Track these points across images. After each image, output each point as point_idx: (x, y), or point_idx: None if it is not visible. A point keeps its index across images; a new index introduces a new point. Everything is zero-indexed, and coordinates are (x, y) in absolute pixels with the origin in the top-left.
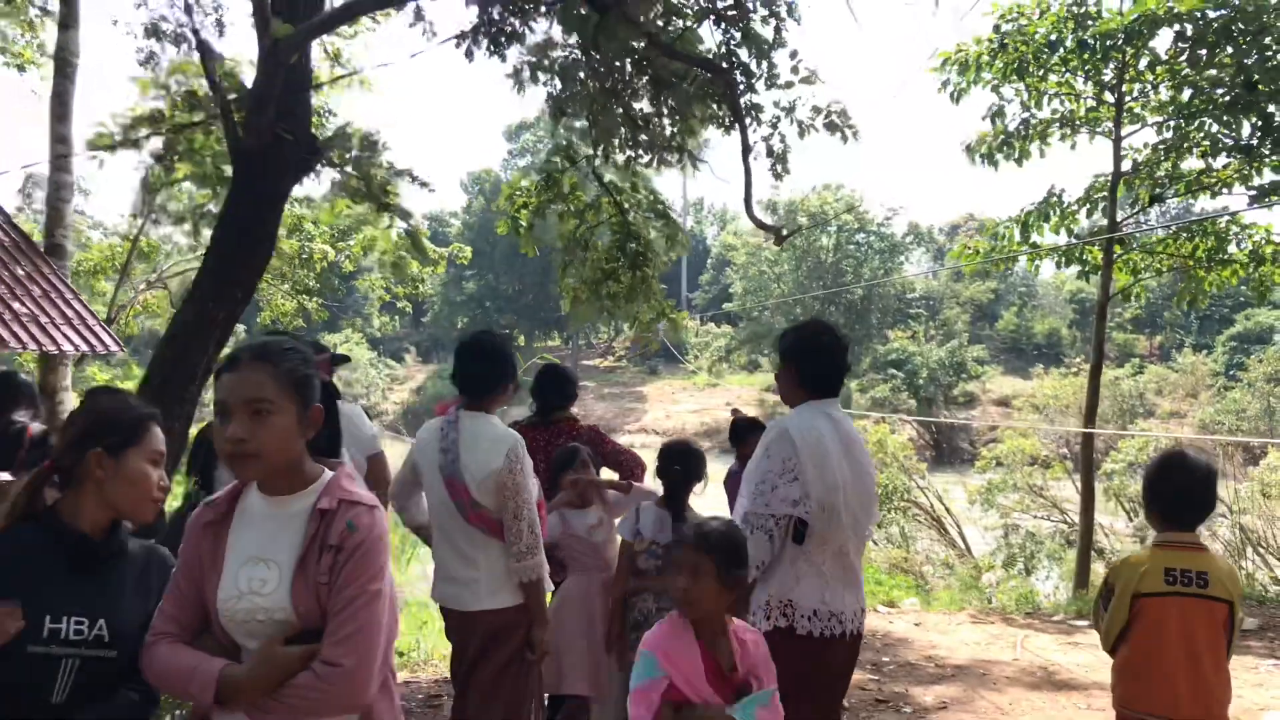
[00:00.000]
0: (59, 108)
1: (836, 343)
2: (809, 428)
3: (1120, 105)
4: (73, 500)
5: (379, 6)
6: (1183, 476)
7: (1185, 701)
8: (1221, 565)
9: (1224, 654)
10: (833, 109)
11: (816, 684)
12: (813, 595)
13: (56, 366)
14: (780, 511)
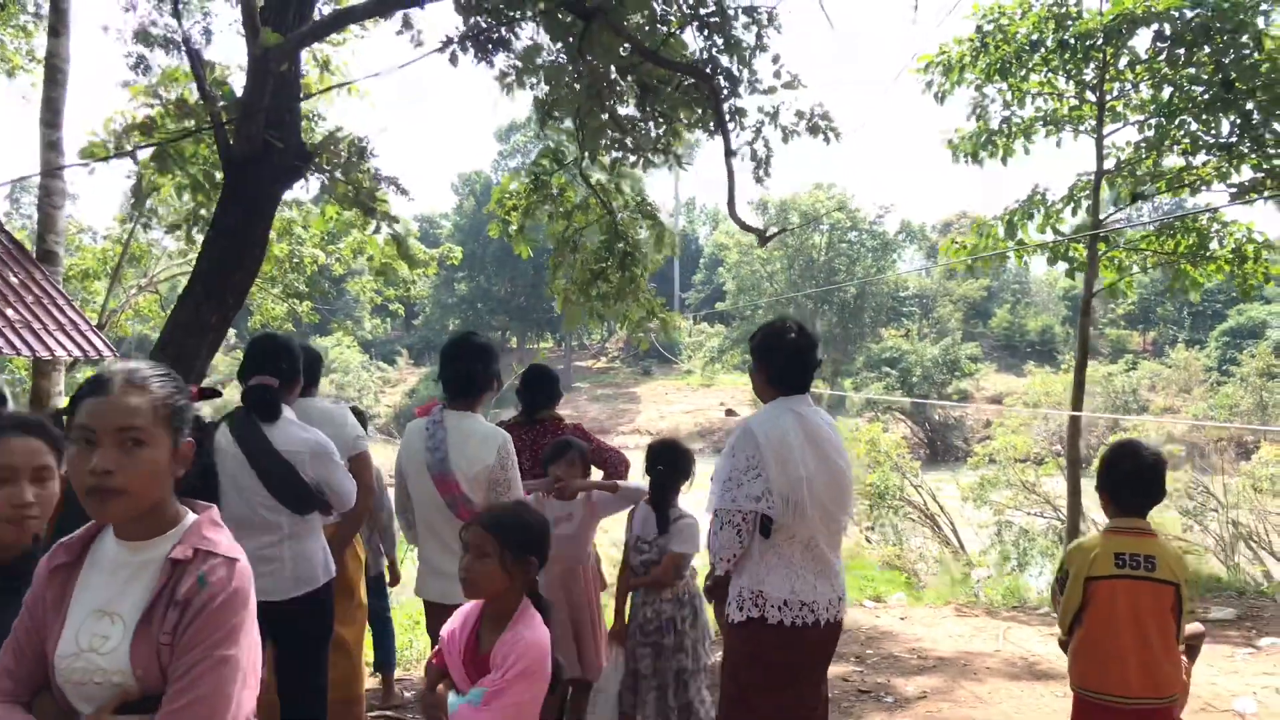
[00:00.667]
0: (49, 114)
1: (804, 340)
2: (772, 425)
3: (1102, 104)
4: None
5: (367, 15)
6: (1132, 465)
7: (1135, 680)
8: (1169, 549)
9: (1173, 635)
10: (815, 111)
11: (792, 672)
12: (782, 586)
13: (49, 372)
14: (746, 508)
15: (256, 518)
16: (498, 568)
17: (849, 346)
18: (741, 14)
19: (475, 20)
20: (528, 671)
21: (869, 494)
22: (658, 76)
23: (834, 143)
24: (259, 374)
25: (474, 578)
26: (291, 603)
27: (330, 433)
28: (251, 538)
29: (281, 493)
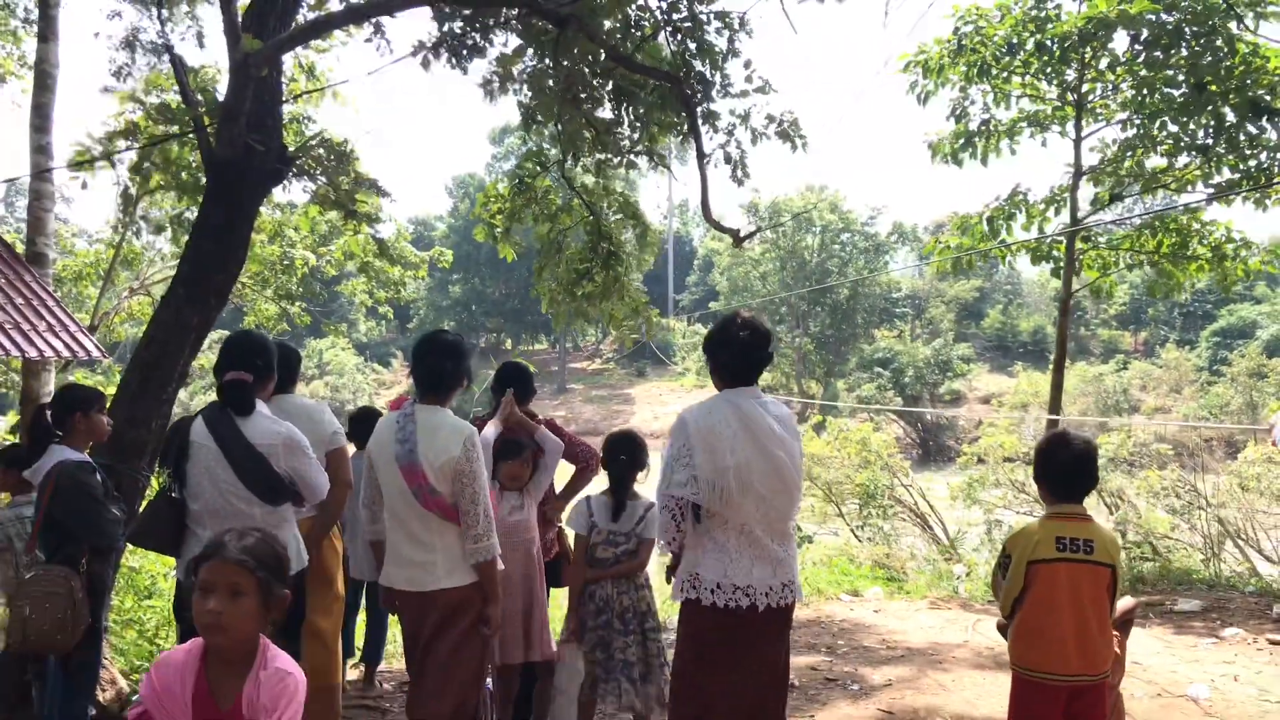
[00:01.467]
0: (39, 119)
1: (751, 334)
2: (705, 415)
3: (1080, 106)
4: None
5: (345, 23)
6: (1065, 453)
7: (1074, 659)
8: (1105, 534)
9: (1108, 614)
10: (785, 119)
11: (729, 653)
12: (715, 569)
13: (39, 372)
14: (676, 493)
15: (230, 508)
16: (256, 606)
17: (842, 347)
18: (714, 19)
19: (449, 27)
20: (298, 708)
21: (858, 493)
22: (632, 81)
23: (800, 150)
24: (234, 370)
25: (227, 622)
26: None
27: (308, 428)
28: (224, 527)
29: (254, 484)
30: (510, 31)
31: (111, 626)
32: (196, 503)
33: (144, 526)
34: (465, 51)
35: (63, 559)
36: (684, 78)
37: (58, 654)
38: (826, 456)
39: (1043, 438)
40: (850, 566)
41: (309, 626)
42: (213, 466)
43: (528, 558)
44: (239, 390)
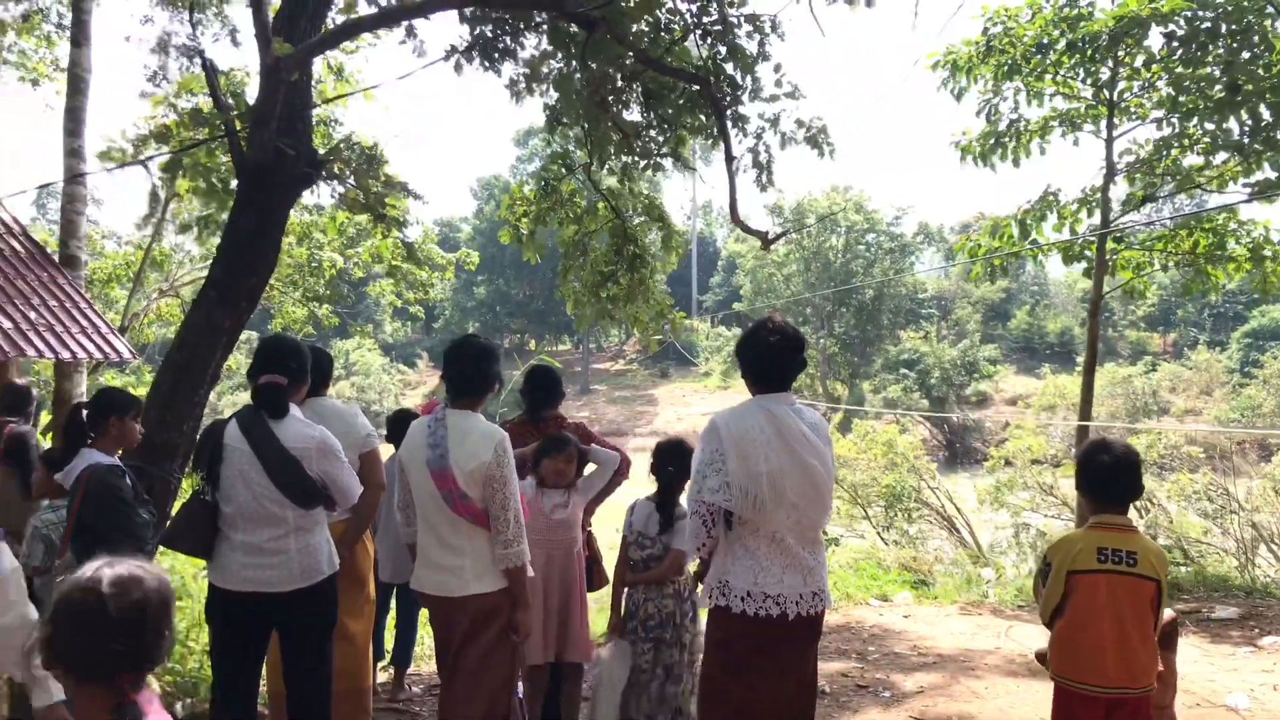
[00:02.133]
0: (72, 122)
1: (781, 340)
2: (737, 421)
3: (1112, 105)
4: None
5: (375, 26)
6: (1106, 460)
7: (1113, 671)
8: (1150, 546)
9: (1150, 628)
10: (813, 125)
11: (758, 660)
12: (745, 577)
13: (70, 374)
14: (708, 500)
15: (263, 511)
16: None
17: (867, 349)
18: (744, 22)
19: (481, 30)
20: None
21: (884, 496)
22: (661, 83)
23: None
24: (268, 373)
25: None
26: (296, 594)
27: (341, 430)
28: (258, 530)
29: (287, 488)
30: (539, 34)
31: None
32: (229, 506)
33: (177, 529)
34: (496, 54)
35: None
36: (713, 80)
37: None
38: (852, 459)
39: (1084, 445)
40: (878, 570)
41: (340, 628)
42: (246, 470)
43: (568, 557)
44: (274, 393)
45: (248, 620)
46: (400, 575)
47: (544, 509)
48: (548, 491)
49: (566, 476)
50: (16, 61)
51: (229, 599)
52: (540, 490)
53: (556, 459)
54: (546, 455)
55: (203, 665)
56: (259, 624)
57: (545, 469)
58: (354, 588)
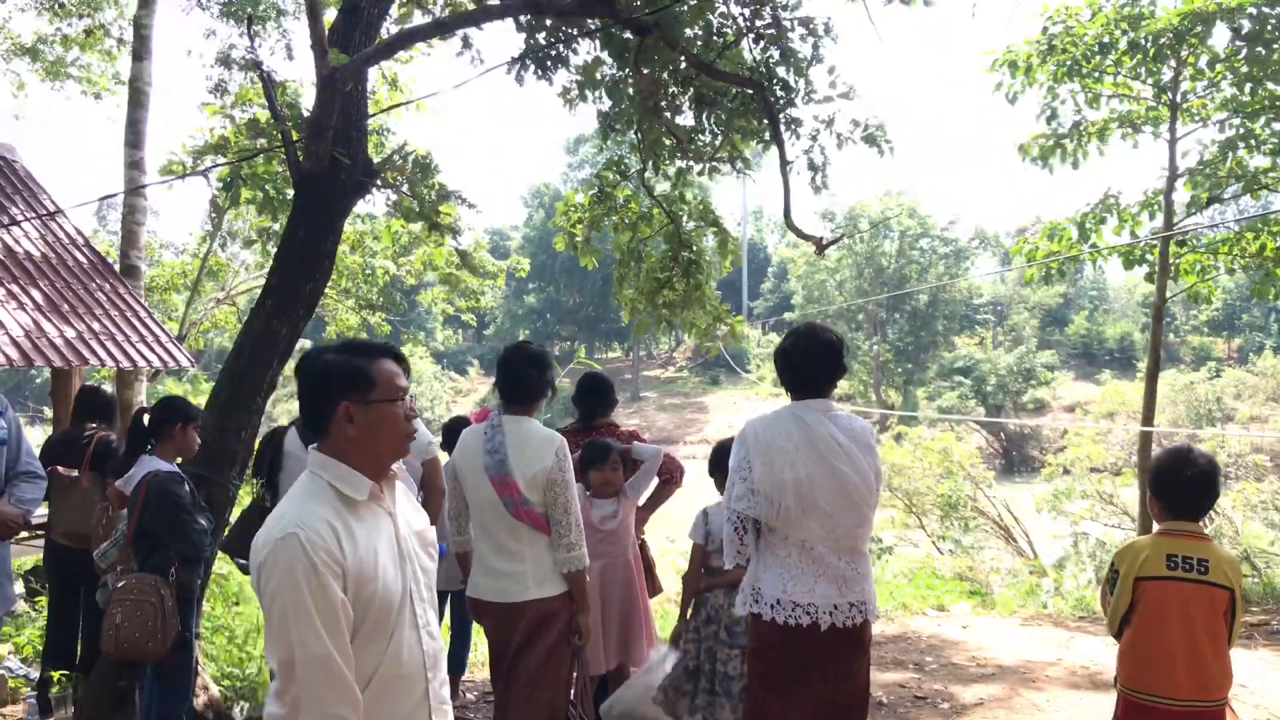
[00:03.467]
0: (133, 135)
1: (813, 345)
2: (766, 428)
3: (1175, 105)
4: None
5: (429, 36)
6: (1190, 472)
7: (1184, 683)
8: (1223, 554)
9: (1224, 639)
10: (870, 123)
11: (793, 671)
12: (775, 585)
13: (132, 382)
14: (737, 508)
15: None
16: None
17: (921, 355)
18: (797, 25)
19: (534, 39)
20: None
21: (940, 504)
22: (714, 88)
23: (887, 156)
24: None
25: None
26: None
27: None
28: None
29: None
30: (592, 41)
31: (203, 634)
32: None
33: (237, 536)
34: (550, 63)
35: (152, 568)
36: (766, 84)
37: (150, 661)
38: (907, 466)
39: (1162, 453)
40: (934, 580)
41: None
42: None
43: (625, 566)
44: None
45: None
46: (452, 582)
47: (594, 520)
48: (597, 502)
49: (615, 484)
50: (80, 76)
51: None
52: (590, 500)
53: (603, 469)
54: (593, 466)
55: (260, 670)
56: None
57: (593, 480)
58: None
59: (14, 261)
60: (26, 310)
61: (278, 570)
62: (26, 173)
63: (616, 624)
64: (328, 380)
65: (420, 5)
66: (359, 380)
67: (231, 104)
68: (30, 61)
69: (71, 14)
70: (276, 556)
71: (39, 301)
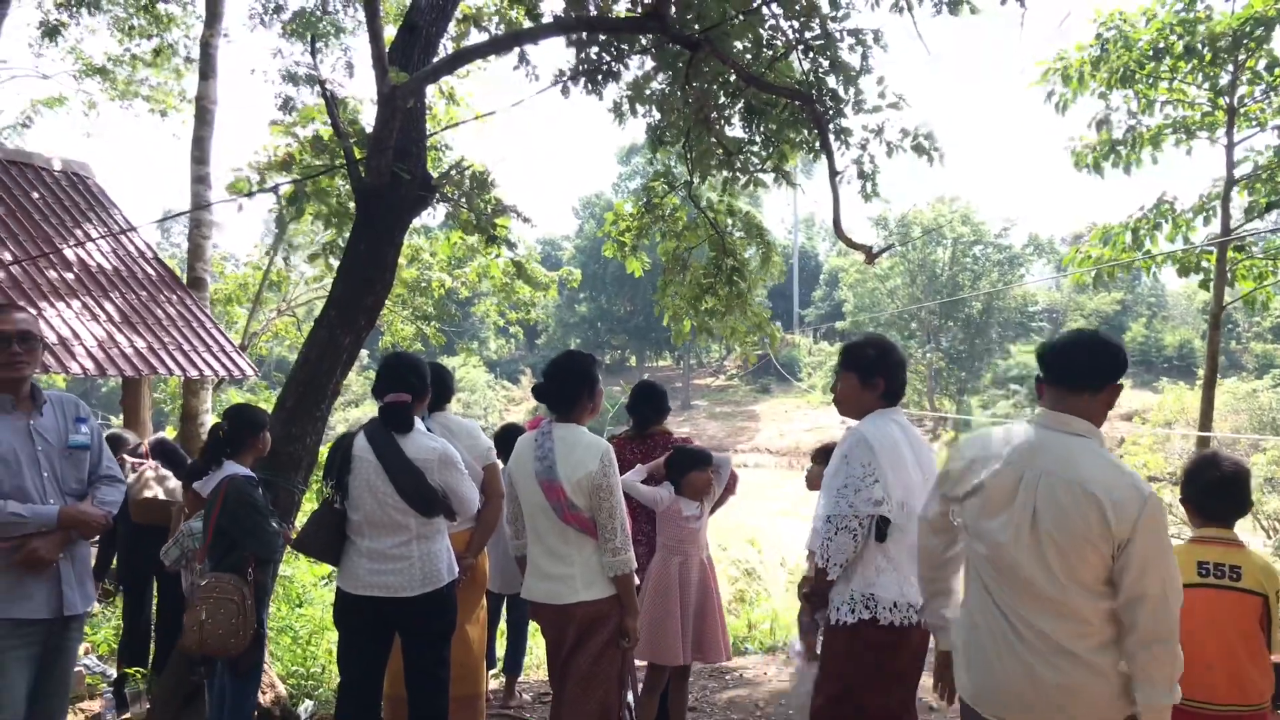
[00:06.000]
0: (198, 151)
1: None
2: (884, 433)
3: (1233, 110)
4: None
5: (485, 54)
6: (1213, 474)
7: (1222, 687)
8: (1257, 561)
9: (1261, 644)
10: (919, 132)
11: (894, 671)
12: (892, 588)
13: (198, 391)
14: (864, 512)
15: (388, 519)
16: None
17: (975, 363)
18: (846, 36)
19: (586, 54)
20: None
21: None
22: (763, 99)
23: (938, 163)
24: (393, 390)
25: None
26: (419, 599)
27: (469, 444)
28: (383, 537)
29: (411, 497)
30: (644, 55)
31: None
32: (357, 513)
33: (308, 535)
34: (600, 77)
35: (228, 567)
36: (815, 95)
37: (230, 656)
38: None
39: (1190, 458)
40: None
41: (460, 633)
42: (372, 479)
43: (703, 565)
44: (400, 411)
45: (372, 624)
46: (510, 586)
47: (680, 514)
48: (685, 501)
49: (707, 490)
50: (147, 94)
51: (356, 603)
52: (678, 498)
53: (705, 470)
54: (696, 468)
55: (325, 668)
56: (383, 628)
57: (695, 480)
58: (472, 595)
59: (88, 276)
60: (100, 322)
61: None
62: (100, 189)
63: (692, 620)
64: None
65: (477, 24)
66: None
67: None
68: (101, 81)
69: (141, 34)
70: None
71: (111, 314)
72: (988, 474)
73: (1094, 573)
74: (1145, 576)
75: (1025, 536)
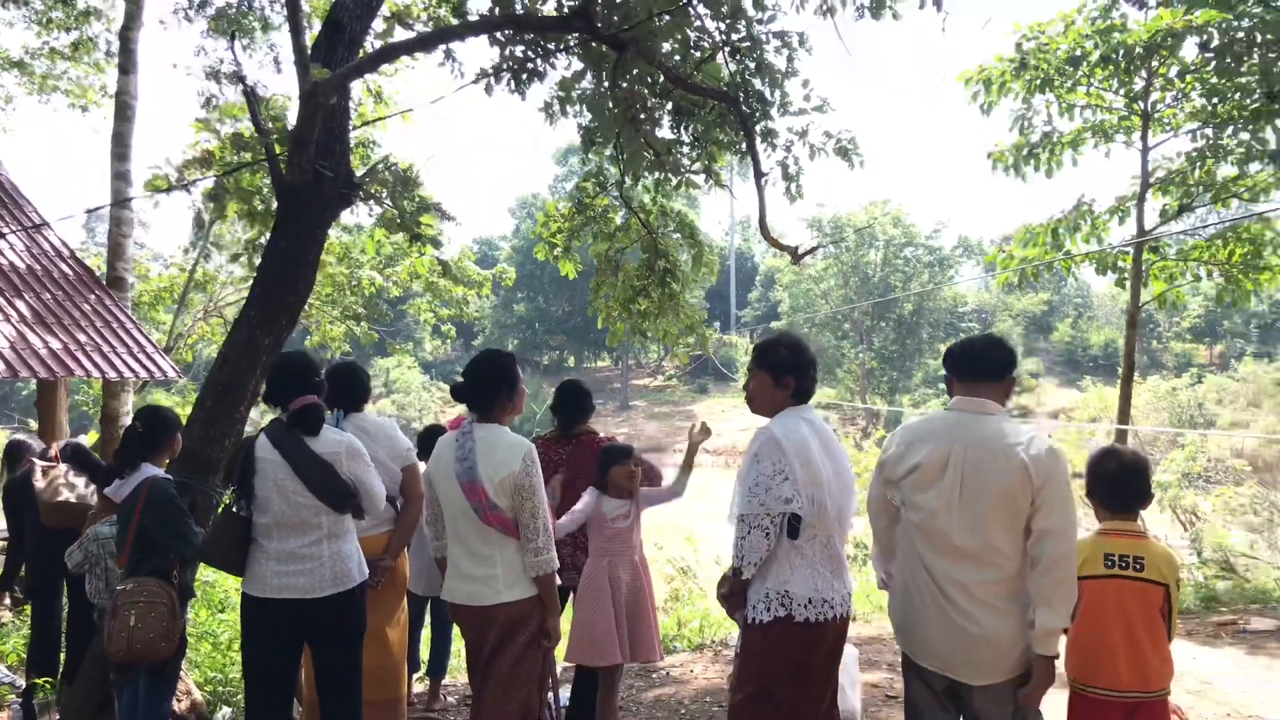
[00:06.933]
0: (119, 147)
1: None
2: (792, 431)
3: (1147, 116)
4: None
5: (410, 51)
6: (1112, 466)
7: (1125, 675)
8: (1159, 551)
9: (1162, 633)
10: (842, 136)
11: (811, 665)
12: (807, 584)
13: (119, 393)
14: (776, 510)
15: (298, 519)
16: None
17: (906, 363)
18: (772, 38)
19: (511, 52)
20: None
21: None
22: (692, 101)
23: (869, 166)
24: (298, 393)
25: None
26: (328, 600)
27: (387, 445)
28: (293, 537)
29: (322, 492)
30: (570, 55)
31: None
32: (265, 516)
33: (208, 543)
34: (525, 76)
35: (151, 570)
36: (741, 97)
37: (157, 661)
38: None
39: (1092, 454)
40: None
41: (379, 636)
42: (281, 479)
43: (634, 566)
44: (314, 412)
45: (281, 628)
46: (433, 588)
47: (606, 517)
48: (609, 500)
49: (634, 484)
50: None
51: (263, 607)
52: (601, 498)
53: (626, 463)
54: (616, 462)
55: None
56: (292, 631)
57: (617, 475)
58: (392, 598)
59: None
60: (12, 322)
61: None
62: (12, 185)
63: (625, 621)
64: None
65: (402, 21)
66: None
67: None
68: (18, 75)
69: (59, 27)
70: None
71: (24, 313)
72: (922, 454)
73: (1012, 522)
74: (1052, 514)
75: (955, 503)
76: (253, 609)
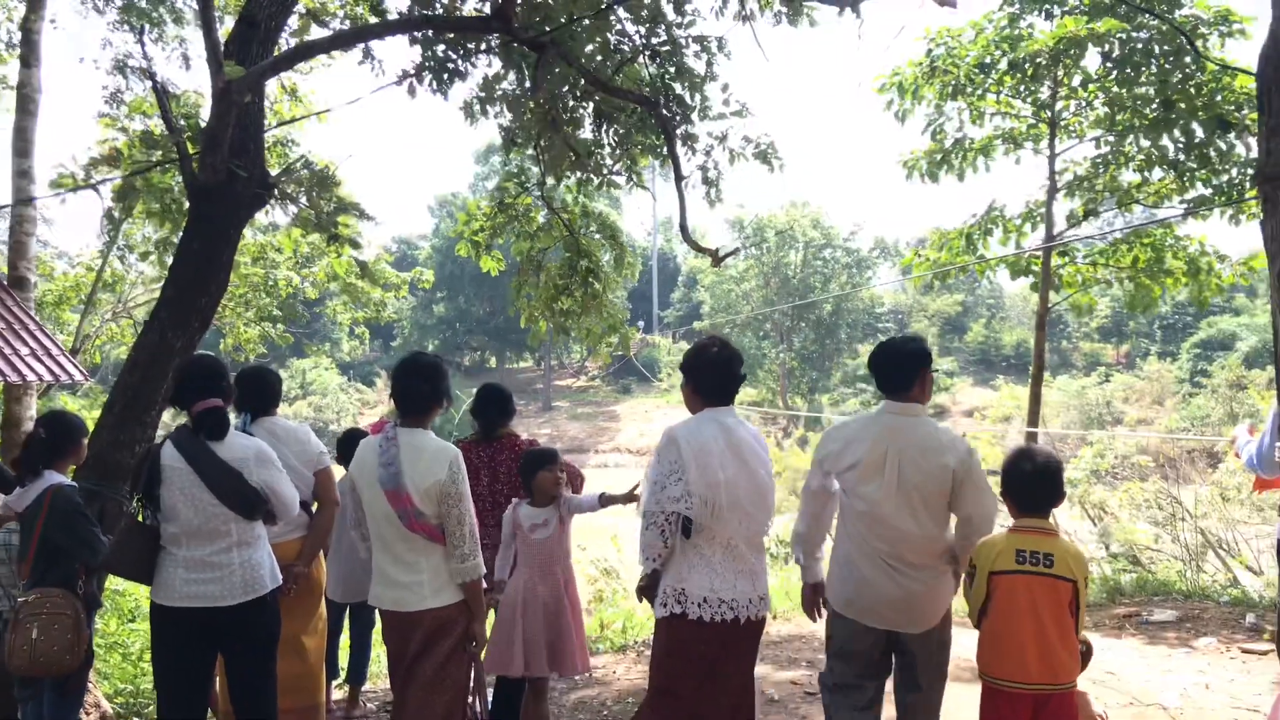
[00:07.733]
0: (20, 142)
1: (725, 355)
2: (695, 433)
3: (1054, 123)
4: None
5: (328, 49)
6: (1027, 467)
7: (1034, 668)
8: (1068, 548)
9: (1070, 628)
10: (761, 140)
11: (711, 664)
12: (702, 584)
13: (21, 397)
14: (668, 509)
15: (207, 526)
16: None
17: (826, 363)
18: (692, 43)
19: (432, 52)
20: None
21: None
22: (612, 104)
23: (777, 171)
24: (202, 396)
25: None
26: (239, 608)
27: (297, 450)
28: (202, 545)
29: (230, 500)
30: (491, 55)
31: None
32: (174, 525)
33: (115, 553)
34: (446, 76)
35: (55, 580)
36: (661, 101)
37: (62, 675)
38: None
39: (1009, 454)
40: None
41: (294, 645)
42: (188, 487)
43: (554, 577)
44: (218, 416)
45: (192, 637)
46: (351, 595)
47: (524, 528)
48: (528, 510)
49: (559, 489)
50: None
51: (173, 616)
52: (518, 507)
53: (552, 469)
54: (541, 467)
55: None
56: (203, 641)
57: (542, 480)
58: (309, 605)
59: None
60: None
61: None
62: None
63: (543, 634)
64: None
65: (318, 19)
66: None
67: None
68: None
69: None
70: None
71: None
72: (862, 452)
73: (941, 508)
74: (970, 500)
75: (894, 494)
76: (162, 618)
